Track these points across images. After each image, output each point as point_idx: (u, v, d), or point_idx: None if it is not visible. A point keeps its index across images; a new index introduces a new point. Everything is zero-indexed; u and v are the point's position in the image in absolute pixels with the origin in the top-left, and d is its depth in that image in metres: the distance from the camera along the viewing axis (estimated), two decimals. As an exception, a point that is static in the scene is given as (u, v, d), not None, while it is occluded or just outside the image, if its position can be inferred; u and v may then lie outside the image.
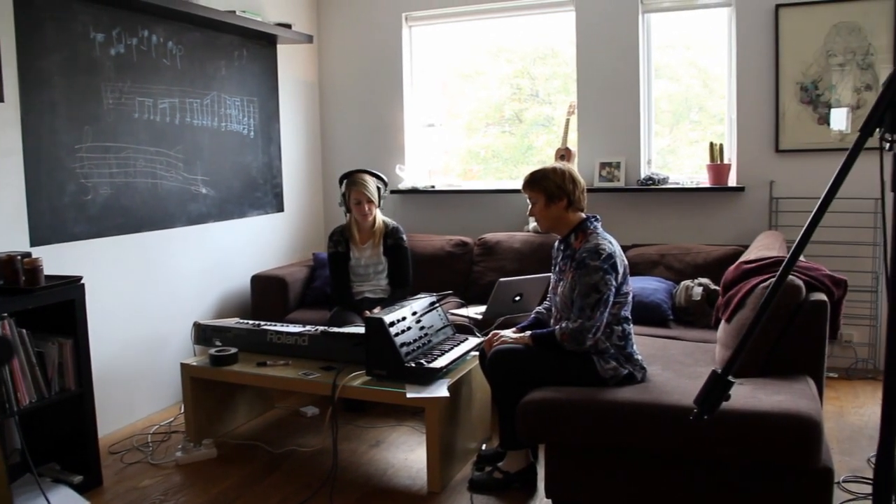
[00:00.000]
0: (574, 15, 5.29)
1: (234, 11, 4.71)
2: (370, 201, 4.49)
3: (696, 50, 5.43)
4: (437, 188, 5.71)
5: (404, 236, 4.66)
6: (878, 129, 1.62)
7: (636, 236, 5.12)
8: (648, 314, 4.16)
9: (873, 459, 3.52)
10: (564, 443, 2.98)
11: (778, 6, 4.81)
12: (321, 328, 3.91)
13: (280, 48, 5.44)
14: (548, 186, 3.22)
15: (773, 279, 3.07)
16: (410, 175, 5.74)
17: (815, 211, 1.63)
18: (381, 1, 5.77)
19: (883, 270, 4.78)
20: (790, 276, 3.08)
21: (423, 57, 5.91)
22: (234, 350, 3.88)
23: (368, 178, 4.52)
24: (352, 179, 4.52)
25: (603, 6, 5.19)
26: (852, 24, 4.67)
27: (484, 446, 3.73)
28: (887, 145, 1.61)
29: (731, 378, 1.72)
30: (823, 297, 3.08)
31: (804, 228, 1.66)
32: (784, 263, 1.68)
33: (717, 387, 1.73)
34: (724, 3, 5.07)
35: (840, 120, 4.75)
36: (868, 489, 3.26)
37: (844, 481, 3.34)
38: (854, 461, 3.56)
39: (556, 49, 5.68)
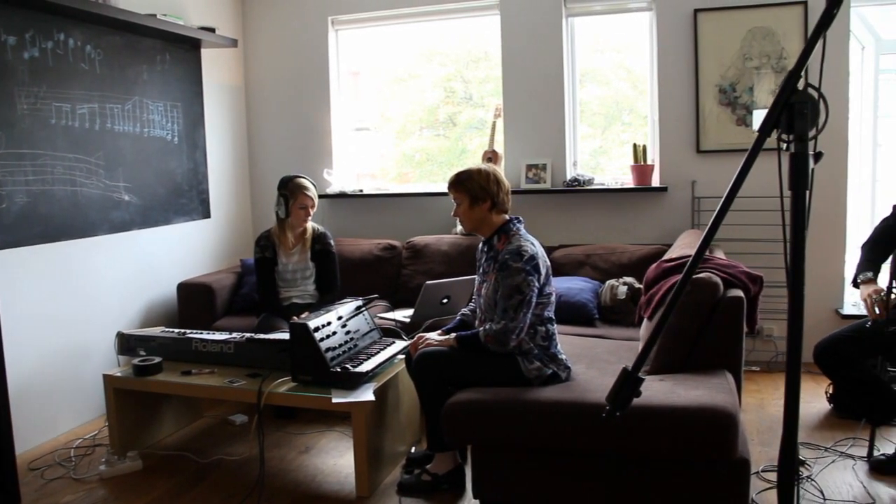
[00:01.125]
0: (499, 18, 5.34)
1: (155, 15, 4.63)
2: (314, 206, 4.49)
3: (626, 53, 5.53)
4: (365, 192, 5.70)
5: (332, 241, 4.64)
6: (775, 130, 1.67)
7: (563, 237, 5.19)
8: (575, 314, 4.22)
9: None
10: (490, 443, 3.00)
11: (696, 11, 4.93)
12: (247, 335, 3.87)
13: (204, 52, 5.37)
14: (472, 188, 3.25)
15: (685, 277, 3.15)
16: (338, 179, 5.72)
17: (717, 210, 1.67)
18: (307, 5, 5.74)
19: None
20: (708, 274, 3.17)
21: (353, 60, 5.90)
22: (158, 360, 3.81)
23: (309, 183, 4.51)
24: (296, 184, 4.48)
25: (527, 10, 5.25)
26: (766, 28, 4.81)
27: (413, 449, 3.73)
28: (784, 146, 1.66)
29: (641, 375, 1.75)
30: (740, 293, 3.17)
31: (708, 226, 1.70)
32: (689, 262, 1.72)
33: (627, 384, 1.76)
34: (645, 7, 5.17)
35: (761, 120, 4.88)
36: (786, 478, 3.36)
37: (763, 471, 3.43)
38: (773, 451, 3.65)
39: (488, 52, 5.72)
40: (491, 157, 5.18)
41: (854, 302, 4.99)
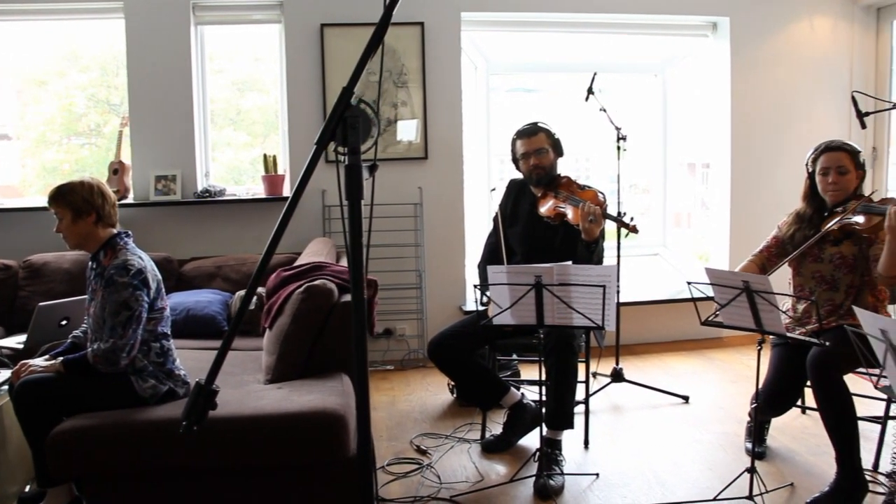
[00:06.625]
0: (124, 23, 5.09)
1: None
2: None
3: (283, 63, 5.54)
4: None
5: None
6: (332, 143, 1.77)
7: (194, 249, 5.08)
8: (203, 327, 4.17)
9: (416, 441, 3.89)
10: (104, 471, 2.83)
11: (323, 25, 5.10)
12: None
13: None
14: (75, 201, 3.06)
15: (306, 283, 3.24)
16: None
17: (280, 220, 1.74)
18: None
19: (421, 268, 5.30)
20: (322, 281, 3.29)
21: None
22: None
23: None
24: None
25: (153, 16, 5.06)
26: (388, 46, 5.11)
27: (28, 487, 3.43)
28: (342, 158, 1.77)
29: (215, 386, 1.76)
30: (355, 297, 3.31)
31: (272, 235, 1.76)
32: (254, 274, 1.77)
33: (201, 397, 1.75)
34: (274, 19, 5.25)
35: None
36: (407, 468, 3.59)
37: (389, 464, 3.64)
38: (400, 445, 3.89)
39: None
40: (118, 168, 4.93)
41: (476, 298, 5.44)
